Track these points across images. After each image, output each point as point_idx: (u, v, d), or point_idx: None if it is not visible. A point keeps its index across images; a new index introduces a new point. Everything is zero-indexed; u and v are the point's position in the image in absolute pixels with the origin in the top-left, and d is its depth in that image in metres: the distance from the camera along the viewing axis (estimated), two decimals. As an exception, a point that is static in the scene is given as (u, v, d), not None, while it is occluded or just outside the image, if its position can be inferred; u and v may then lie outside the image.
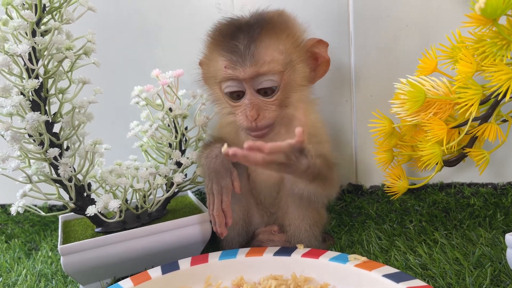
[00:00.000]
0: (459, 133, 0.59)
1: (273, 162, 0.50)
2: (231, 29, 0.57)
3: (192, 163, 0.68)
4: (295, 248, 0.59)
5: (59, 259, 0.71)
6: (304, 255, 0.57)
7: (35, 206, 0.62)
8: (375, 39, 0.74)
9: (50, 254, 0.73)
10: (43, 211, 0.63)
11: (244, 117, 0.57)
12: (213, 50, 0.59)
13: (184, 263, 0.58)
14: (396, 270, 0.50)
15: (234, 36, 0.56)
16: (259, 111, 0.57)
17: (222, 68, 0.57)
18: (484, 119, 0.57)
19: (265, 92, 0.57)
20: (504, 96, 0.50)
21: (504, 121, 0.60)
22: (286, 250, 0.59)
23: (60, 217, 0.71)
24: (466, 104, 0.52)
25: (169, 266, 0.57)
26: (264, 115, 0.57)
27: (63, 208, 0.89)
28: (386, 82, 0.74)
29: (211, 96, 0.64)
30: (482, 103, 0.54)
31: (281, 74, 0.56)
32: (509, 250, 0.50)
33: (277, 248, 0.59)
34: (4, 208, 0.89)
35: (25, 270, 0.68)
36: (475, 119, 0.57)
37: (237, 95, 0.58)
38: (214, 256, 0.59)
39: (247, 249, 0.60)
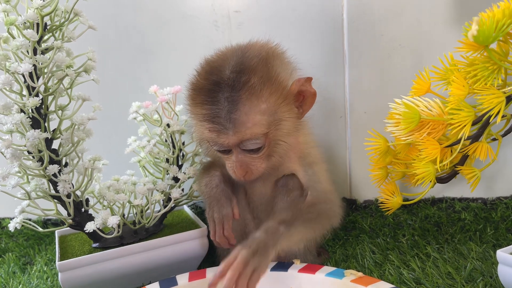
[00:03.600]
0: (451, 151, 0.61)
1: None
2: (210, 87, 0.54)
3: (189, 178, 0.69)
4: (292, 263, 0.60)
5: (55, 274, 0.71)
6: (301, 270, 0.58)
7: (29, 220, 0.62)
8: (369, 58, 0.76)
9: (45, 268, 0.73)
10: (38, 225, 0.63)
11: (232, 171, 0.58)
12: (195, 110, 0.56)
13: (182, 279, 0.58)
14: (391, 286, 0.51)
15: (214, 99, 0.53)
16: (247, 168, 0.57)
17: (206, 130, 0.55)
18: (475, 138, 0.59)
19: (252, 150, 0.56)
20: (495, 117, 0.52)
21: (494, 139, 0.62)
22: (282, 265, 0.59)
23: (56, 232, 0.71)
24: (459, 125, 0.54)
25: (167, 281, 0.58)
26: (252, 172, 0.57)
27: (58, 222, 0.89)
28: (380, 100, 0.76)
29: (196, 134, 0.60)
30: (473, 123, 0.56)
31: (265, 136, 0.55)
32: (501, 265, 0.52)
33: (274, 263, 0.60)
34: (-2, 221, 0.88)
35: (20, 285, 0.68)
36: (466, 138, 0.58)
37: (224, 151, 0.57)
38: (211, 272, 0.59)
39: (244, 264, 0.60)
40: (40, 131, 0.57)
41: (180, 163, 0.71)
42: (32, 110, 0.57)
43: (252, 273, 0.49)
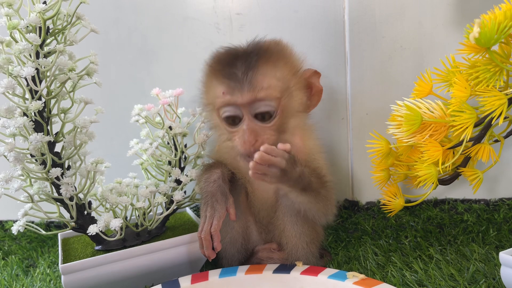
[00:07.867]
0: (453, 153, 0.61)
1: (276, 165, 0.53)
2: (229, 57, 0.58)
3: (191, 180, 0.69)
4: (294, 265, 0.60)
5: (58, 276, 0.71)
6: (303, 272, 0.58)
7: (32, 223, 0.62)
8: (370, 59, 0.76)
9: (48, 271, 0.73)
10: (41, 228, 0.63)
11: (241, 142, 0.57)
12: (211, 77, 0.60)
13: (185, 281, 0.58)
14: (393, 288, 0.51)
15: (232, 64, 0.57)
16: (257, 136, 0.57)
17: (220, 94, 0.57)
18: (477, 139, 0.59)
19: (263, 117, 0.57)
20: (498, 119, 0.52)
21: (496, 141, 0.62)
22: (285, 267, 0.59)
23: (59, 234, 0.71)
24: (461, 127, 0.54)
25: (170, 284, 0.58)
26: (263, 140, 0.57)
27: (61, 224, 0.89)
28: (381, 101, 0.76)
29: (209, 122, 0.64)
30: (475, 125, 0.56)
31: (278, 100, 0.57)
32: (503, 267, 0.52)
33: (276, 266, 0.60)
34: (1, 224, 0.89)
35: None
36: (468, 140, 0.58)
37: (233, 121, 0.58)
38: (214, 274, 0.59)
39: (246, 267, 0.60)
40: (43, 134, 0.57)
41: (182, 166, 0.71)
42: (34, 113, 0.57)
43: (268, 174, 0.53)
